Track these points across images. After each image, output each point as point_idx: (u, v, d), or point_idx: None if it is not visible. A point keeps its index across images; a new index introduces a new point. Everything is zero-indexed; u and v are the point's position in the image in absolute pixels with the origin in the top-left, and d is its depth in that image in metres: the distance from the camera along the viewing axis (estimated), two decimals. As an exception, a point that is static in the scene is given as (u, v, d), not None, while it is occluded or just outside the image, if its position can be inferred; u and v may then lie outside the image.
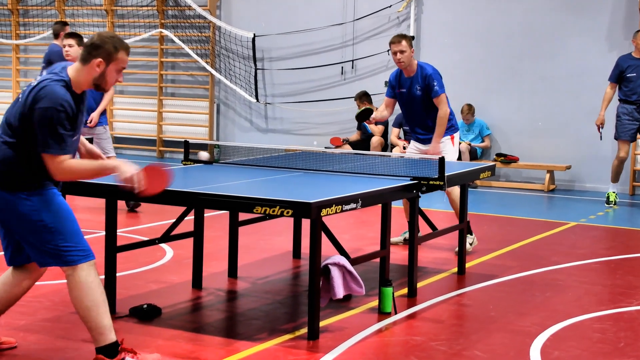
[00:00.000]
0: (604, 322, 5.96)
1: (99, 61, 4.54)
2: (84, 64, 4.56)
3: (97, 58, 4.54)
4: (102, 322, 4.55)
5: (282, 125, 15.27)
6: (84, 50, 4.59)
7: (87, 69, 4.55)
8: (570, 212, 10.97)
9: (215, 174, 6.50)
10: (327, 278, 5.53)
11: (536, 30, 13.20)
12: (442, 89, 7.82)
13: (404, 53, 7.80)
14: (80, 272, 4.52)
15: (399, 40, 7.82)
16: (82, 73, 4.56)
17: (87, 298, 4.52)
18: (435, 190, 6.23)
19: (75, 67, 4.58)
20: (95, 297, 4.53)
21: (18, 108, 4.49)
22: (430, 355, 5.13)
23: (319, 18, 14.60)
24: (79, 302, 4.54)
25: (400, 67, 7.93)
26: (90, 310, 4.53)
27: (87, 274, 4.53)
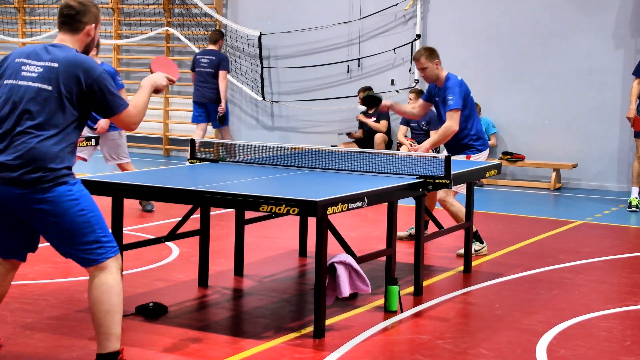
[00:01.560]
0: (610, 320, 5.95)
1: (92, 27, 4.52)
2: (74, 32, 4.51)
3: (89, 24, 4.51)
4: (114, 329, 4.45)
5: (288, 123, 15.27)
6: (68, 19, 4.49)
7: (80, 38, 4.52)
8: (576, 211, 10.95)
9: (221, 172, 6.50)
10: (333, 276, 5.53)
11: (543, 28, 13.19)
12: (456, 104, 7.66)
13: (426, 69, 7.77)
14: (108, 274, 4.41)
15: (417, 58, 7.79)
16: (74, 43, 4.51)
17: (107, 301, 4.41)
18: (442, 188, 6.22)
19: (64, 39, 4.50)
20: (115, 302, 4.43)
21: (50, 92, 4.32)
22: (436, 354, 5.13)
23: (325, 16, 14.60)
24: (98, 304, 4.42)
25: (428, 82, 7.94)
26: (107, 315, 4.42)
27: (114, 278, 4.43)
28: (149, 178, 6.32)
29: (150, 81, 4.79)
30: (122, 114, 4.50)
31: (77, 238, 4.37)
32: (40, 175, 4.28)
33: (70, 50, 4.45)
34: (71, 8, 4.49)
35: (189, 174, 6.54)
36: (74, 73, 4.35)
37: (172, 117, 16.29)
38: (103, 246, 4.42)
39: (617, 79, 12.73)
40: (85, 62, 4.40)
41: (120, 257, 4.53)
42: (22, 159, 4.28)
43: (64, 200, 4.31)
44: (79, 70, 4.36)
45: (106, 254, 4.42)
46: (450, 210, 7.75)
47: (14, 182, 4.29)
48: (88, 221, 4.37)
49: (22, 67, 4.44)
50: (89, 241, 4.38)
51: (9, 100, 4.39)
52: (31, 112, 4.33)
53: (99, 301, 4.41)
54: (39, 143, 4.30)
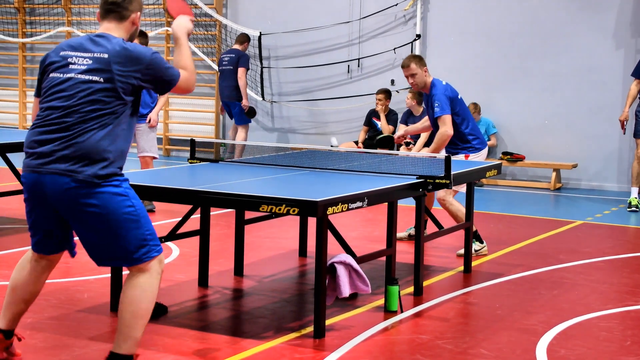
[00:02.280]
0: (610, 320, 5.95)
1: (137, 15, 4.46)
2: (121, 20, 4.44)
3: (135, 12, 4.45)
4: (135, 333, 4.35)
5: (288, 123, 15.27)
6: (115, 7, 4.42)
7: (126, 26, 4.46)
8: (576, 211, 10.95)
9: (221, 173, 6.50)
10: (333, 276, 5.53)
11: (543, 28, 13.19)
12: (443, 110, 7.67)
13: (415, 76, 7.78)
14: (148, 278, 4.32)
15: (407, 64, 7.79)
16: (121, 30, 4.44)
17: (138, 304, 4.31)
18: (442, 188, 6.23)
19: (110, 27, 4.44)
20: (145, 307, 4.34)
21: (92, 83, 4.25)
22: (437, 354, 5.13)
23: (325, 16, 14.60)
24: (128, 304, 4.32)
25: (415, 89, 7.97)
26: (133, 318, 4.32)
27: (151, 283, 4.34)
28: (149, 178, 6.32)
29: (183, 29, 4.62)
30: (180, 83, 4.45)
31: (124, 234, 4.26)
32: (91, 170, 4.20)
33: (117, 40, 4.36)
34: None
35: (189, 174, 6.54)
36: (125, 63, 4.28)
37: (172, 117, 16.28)
38: (148, 244, 4.33)
39: (617, 79, 12.73)
40: (134, 50, 4.33)
41: (163, 260, 4.44)
42: (73, 154, 4.20)
43: (112, 197, 4.23)
44: (130, 59, 4.30)
45: (150, 253, 4.33)
46: (450, 210, 7.75)
47: (62, 175, 4.20)
48: (137, 217, 4.29)
49: (69, 60, 4.35)
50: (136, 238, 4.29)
51: (57, 94, 4.31)
52: (82, 105, 4.25)
53: (130, 301, 4.32)
54: (90, 137, 4.22)
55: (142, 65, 4.32)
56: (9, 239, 8.06)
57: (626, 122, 11.18)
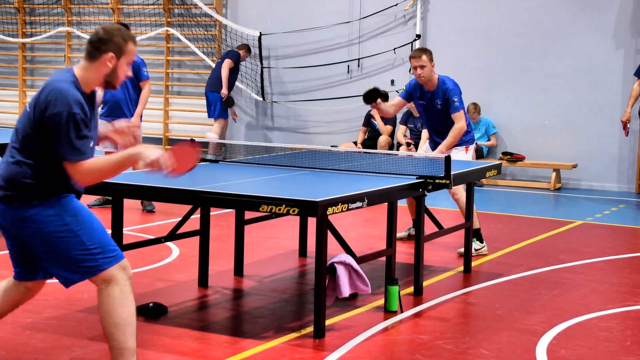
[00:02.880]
0: (610, 320, 5.95)
1: (111, 56, 4.24)
2: (92, 60, 4.25)
3: (108, 53, 4.24)
4: (126, 343, 4.27)
5: (288, 123, 15.27)
6: (90, 46, 4.27)
7: (97, 66, 4.25)
8: (576, 211, 10.95)
9: (221, 173, 6.50)
10: (333, 276, 5.53)
11: (543, 28, 13.19)
12: (461, 105, 7.78)
13: (424, 68, 7.76)
14: (115, 286, 4.23)
15: (419, 55, 7.77)
16: (91, 70, 4.25)
17: (116, 314, 4.23)
18: (442, 189, 6.22)
19: (82, 65, 4.28)
20: (125, 315, 4.25)
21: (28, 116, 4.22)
22: (437, 354, 5.13)
23: (325, 16, 14.60)
24: (107, 318, 4.25)
25: (421, 81, 7.86)
26: (117, 329, 4.25)
27: (120, 290, 4.24)
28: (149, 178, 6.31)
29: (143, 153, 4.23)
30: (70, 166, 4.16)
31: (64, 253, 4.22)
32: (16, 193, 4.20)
33: (63, 74, 4.24)
34: (95, 34, 4.31)
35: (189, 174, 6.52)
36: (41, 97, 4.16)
37: (172, 117, 16.28)
38: (94, 258, 4.23)
39: (618, 79, 12.73)
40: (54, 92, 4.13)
41: (126, 265, 4.32)
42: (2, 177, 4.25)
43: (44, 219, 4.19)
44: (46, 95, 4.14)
45: (100, 267, 4.23)
46: (460, 201, 7.75)
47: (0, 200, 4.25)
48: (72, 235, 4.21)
49: None
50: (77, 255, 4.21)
51: None
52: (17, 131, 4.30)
53: (107, 314, 4.25)
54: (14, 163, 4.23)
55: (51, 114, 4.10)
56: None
57: (628, 122, 11.15)
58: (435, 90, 7.83)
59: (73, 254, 4.22)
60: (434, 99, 7.85)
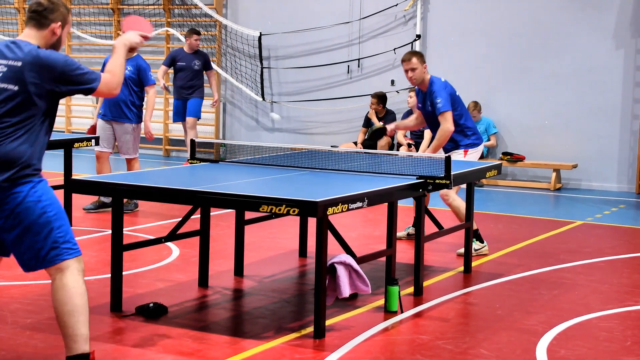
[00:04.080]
0: (610, 320, 5.95)
1: (58, 25, 4.45)
2: (40, 28, 4.43)
3: (55, 22, 4.45)
4: (79, 330, 4.35)
5: (288, 124, 15.27)
6: (36, 15, 4.44)
7: (45, 34, 4.44)
8: (576, 211, 10.95)
9: (221, 173, 6.50)
10: (333, 277, 5.53)
11: (543, 28, 13.19)
12: (445, 107, 7.69)
13: (415, 70, 7.78)
14: (70, 275, 4.34)
15: (409, 58, 7.80)
16: (37, 39, 4.42)
17: (70, 302, 4.32)
18: (442, 189, 6.22)
19: (28, 34, 4.44)
20: (78, 303, 4.34)
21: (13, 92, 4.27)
22: (437, 354, 5.13)
23: (325, 17, 14.60)
24: (61, 306, 4.33)
25: (413, 84, 7.93)
26: (70, 316, 4.33)
27: (76, 279, 4.35)
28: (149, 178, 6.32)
29: (123, 40, 4.69)
30: (100, 87, 4.44)
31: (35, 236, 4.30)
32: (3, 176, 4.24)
33: (30, 47, 4.37)
34: (40, 4, 4.46)
35: (189, 174, 6.54)
36: (38, 71, 4.29)
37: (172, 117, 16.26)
38: (59, 247, 4.33)
39: (618, 79, 12.73)
40: (46, 57, 4.32)
41: (81, 260, 4.42)
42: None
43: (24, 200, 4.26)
44: (43, 67, 4.30)
45: (61, 256, 4.33)
46: (452, 205, 7.75)
47: None
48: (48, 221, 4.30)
49: None
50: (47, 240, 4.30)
51: None
52: None
53: (62, 303, 4.34)
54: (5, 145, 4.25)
55: (56, 71, 4.32)
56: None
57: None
58: (427, 91, 7.86)
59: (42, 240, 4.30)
60: (426, 100, 7.88)
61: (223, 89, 15.81)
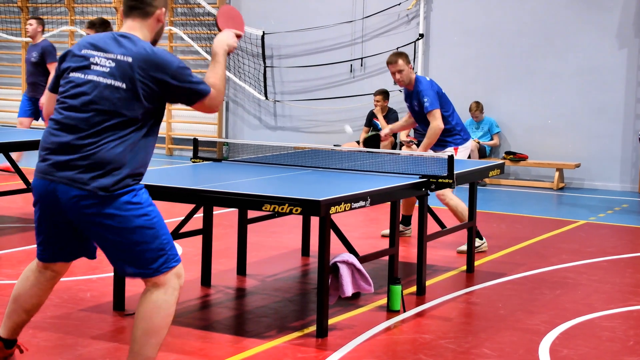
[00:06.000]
0: (613, 320, 5.94)
1: (162, 11, 4.13)
2: (146, 17, 4.11)
3: (160, 8, 4.12)
4: (150, 353, 4.08)
5: (291, 122, 15.27)
6: (139, 3, 4.11)
7: (150, 23, 4.13)
8: (579, 211, 10.94)
9: (224, 172, 6.51)
10: (336, 276, 5.54)
11: (546, 28, 13.18)
12: (433, 105, 7.76)
13: (402, 72, 7.86)
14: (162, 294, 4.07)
15: (395, 61, 7.87)
16: (144, 29, 4.11)
17: (150, 321, 4.05)
18: (444, 188, 6.22)
19: (133, 25, 4.12)
20: (159, 325, 4.07)
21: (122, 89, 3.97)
22: (439, 353, 5.13)
23: (328, 16, 14.60)
24: (139, 320, 4.07)
25: (401, 85, 8.02)
26: (145, 335, 4.06)
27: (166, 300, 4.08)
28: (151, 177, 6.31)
29: (223, 45, 4.27)
30: (205, 100, 4.14)
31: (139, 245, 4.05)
32: (102, 181, 3.94)
33: (141, 42, 4.05)
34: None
35: (192, 173, 6.55)
36: (150, 70, 3.98)
37: (175, 116, 16.29)
38: (167, 254, 4.11)
39: (621, 78, 12.72)
40: (160, 57, 4.02)
41: (181, 273, 4.20)
42: (87, 164, 3.95)
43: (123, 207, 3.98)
44: (156, 66, 4.00)
45: (168, 262, 4.11)
46: (449, 205, 7.77)
47: (77, 185, 3.95)
48: (151, 226, 4.06)
49: (91, 60, 4.05)
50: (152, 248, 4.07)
51: (77, 96, 4.02)
52: (101, 111, 3.97)
53: (142, 317, 4.08)
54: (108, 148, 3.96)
55: (168, 73, 4.02)
56: (12, 238, 8.06)
57: None
58: (413, 91, 7.91)
59: (148, 248, 4.05)
60: (412, 100, 7.94)
61: (226, 88, 15.78)
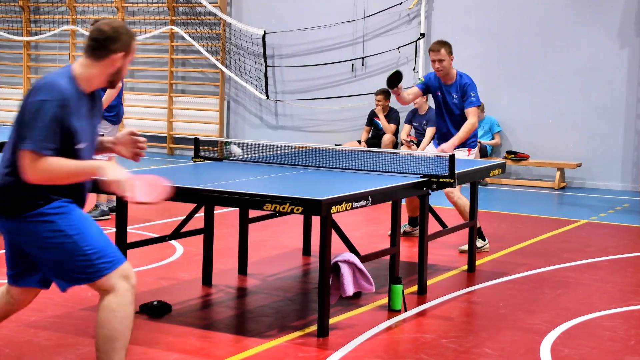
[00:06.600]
0: (614, 320, 5.94)
1: (119, 56, 4.04)
2: (98, 59, 4.02)
3: (118, 52, 4.03)
4: (112, 357, 4.04)
5: (292, 122, 15.27)
6: (95, 43, 4.01)
7: (105, 65, 4.04)
8: (580, 210, 10.94)
9: (225, 171, 6.51)
10: (337, 275, 5.53)
11: (547, 27, 13.18)
12: (478, 101, 7.83)
13: (443, 62, 7.83)
14: (113, 297, 4.02)
15: (437, 49, 7.83)
16: (95, 69, 4.03)
17: (108, 327, 4.02)
18: (446, 187, 6.23)
19: (84, 62, 4.04)
20: (118, 329, 4.02)
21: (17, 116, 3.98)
22: (440, 353, 5.13)
23: (330, 15, 14.60)
24: (99, 328, 4.05)
25: (439, 74, 7.91)
26: (107, 341, 4.03)
27: (119, 302, 4.02)
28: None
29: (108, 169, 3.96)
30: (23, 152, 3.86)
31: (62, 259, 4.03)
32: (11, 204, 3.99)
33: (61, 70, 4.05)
34: (101, 32, 4.04)
35: (193, 172, 6.55)
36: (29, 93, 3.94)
37: (176, 115, 16.29)
38: (92, 264, 4.02)
39: (622, 78, 12.72)
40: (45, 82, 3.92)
41: (129, 274, 4.09)
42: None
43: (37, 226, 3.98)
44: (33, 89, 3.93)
45: (99, 272, 4.02)
46: (457, 204, 7.76)
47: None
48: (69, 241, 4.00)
49: None
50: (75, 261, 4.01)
51: None
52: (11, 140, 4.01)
53: (100, 324, 4.04)
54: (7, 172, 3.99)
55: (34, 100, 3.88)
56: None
57: None
58: (452, 83, 7.87)
59: (70, 262, 4.02)
60: (450, 92, 7.89)
61: (227, 87, 15.82)
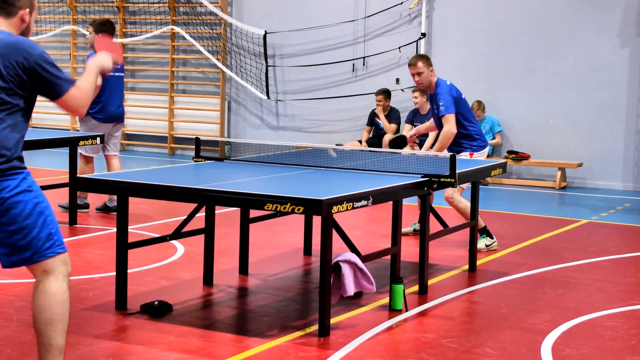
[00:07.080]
0: (615, 319, 5.94)
1: (26, 12, 4.23)
2: (9, 17, 4.21)
3: (23, 9, 4.23)
4: (55, 340, 4.10)
5: (293, 122, 15.27)
6: (2, 3, 4.21)
7: (13, 22, 4.22)
8: (581, 210, 10.94)
9: (226, 171, 6.51)
10: (338, 275, 5.54)
11: (548, 27, 13.17)
12: (447, 109, 7.80)
13: (422, 74, 7.90)
14: (53, 281, 4.10)
15: (414, 63, 7.93)
16: (9, 26, 4.20)
17: (50, 310, 4.08)
18: (446, 187, 6.22)
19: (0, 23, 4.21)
20: (58, 312, 4.10)
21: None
22: (441, 353, 5.13)
23: (331, 15, 14.60)
24: (40, 313, 4.09)
25: (421, 87, 8.08)
26: (49, 325, 4.08)
27: (59, 285, 4.10)
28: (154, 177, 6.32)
29: (97, 63, 4.44)
30: (68, 96, 4.15)
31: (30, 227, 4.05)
32: None
33: (4, 32, 4.15)
34: None
35: (194, 172, 6.55)
36: (12, 56, 4.05)
37: (177, 115, 16.30)
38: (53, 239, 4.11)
39: (623, 77, 12.71)
40: (22, 42, 4.10)
41: (68, 261, 4.19)
42: None
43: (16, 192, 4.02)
44: (17, 52, 4.06)
45: (54, 247, 4.10)
46: (458, 207, 7.79)
47: None
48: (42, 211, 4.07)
49: None
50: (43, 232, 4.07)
51: None
52: None
53: (41, 309, 4.09)
54: None
55: (31, 59, 4.07)
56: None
57: None
58: (434, 93, 7.94)
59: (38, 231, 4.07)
60: (433, 103, 7.98)
61: (228, 87, 15.83)
